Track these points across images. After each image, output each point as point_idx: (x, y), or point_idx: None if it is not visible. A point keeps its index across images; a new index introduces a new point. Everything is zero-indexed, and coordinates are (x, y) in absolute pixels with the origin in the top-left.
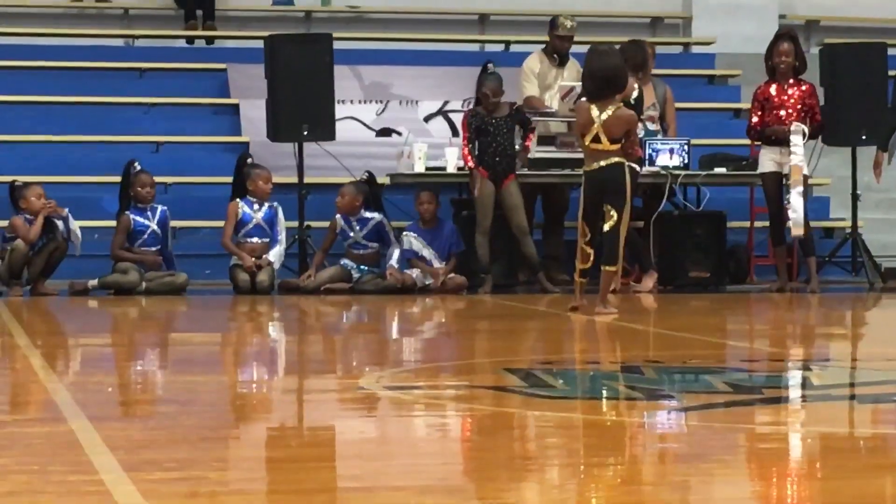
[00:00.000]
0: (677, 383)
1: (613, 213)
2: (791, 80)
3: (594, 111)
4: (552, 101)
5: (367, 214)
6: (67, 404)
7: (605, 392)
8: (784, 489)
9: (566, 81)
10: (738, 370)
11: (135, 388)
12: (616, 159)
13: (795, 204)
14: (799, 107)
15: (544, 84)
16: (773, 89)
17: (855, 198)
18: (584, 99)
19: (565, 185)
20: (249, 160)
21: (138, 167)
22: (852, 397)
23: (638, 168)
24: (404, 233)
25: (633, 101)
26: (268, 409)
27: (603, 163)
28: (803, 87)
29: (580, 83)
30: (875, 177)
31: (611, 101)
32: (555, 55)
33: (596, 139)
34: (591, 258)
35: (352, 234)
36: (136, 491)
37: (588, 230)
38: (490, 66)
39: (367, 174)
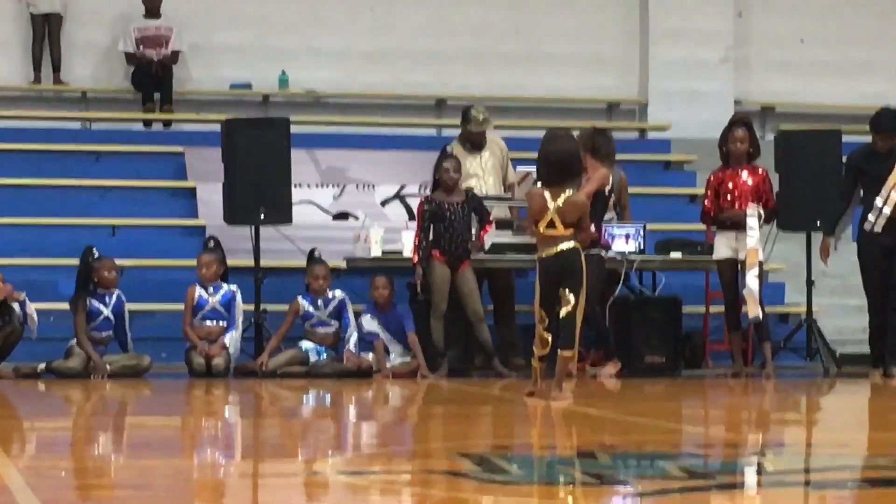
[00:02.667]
0: (632, 469)
1: (571, 297)
2: (745, 166)
3: (548, 197)
4: (480, 187)
5: (330, 293)
6: (20, 489)
7: (560, 477)
8: None
9: (486, 165)
10: (693, 455)
11: (89, 472)
12: (572, 244)
13: (751, 286)
14: (751, 195)
15: (465, 173)
16: (727, 175)
17: (810, 283)
18: (538, 184)
19: (510, 269)
20: (210, 243)
21: (97, 253)
22: (807, 483)
23: (604, 253)
24: (362, 315)
25: (606, 192)
26: (222, 493)
27: (562, 247)
28: (758, 173)
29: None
30: (822, 261)
31: (565, 187)
32: (468, 144)
33: (551, 225)
34: (550, 344)
35: (316, 314)
36: None
37: (546, 316)
38: (449, 148)
39: (314, 250)
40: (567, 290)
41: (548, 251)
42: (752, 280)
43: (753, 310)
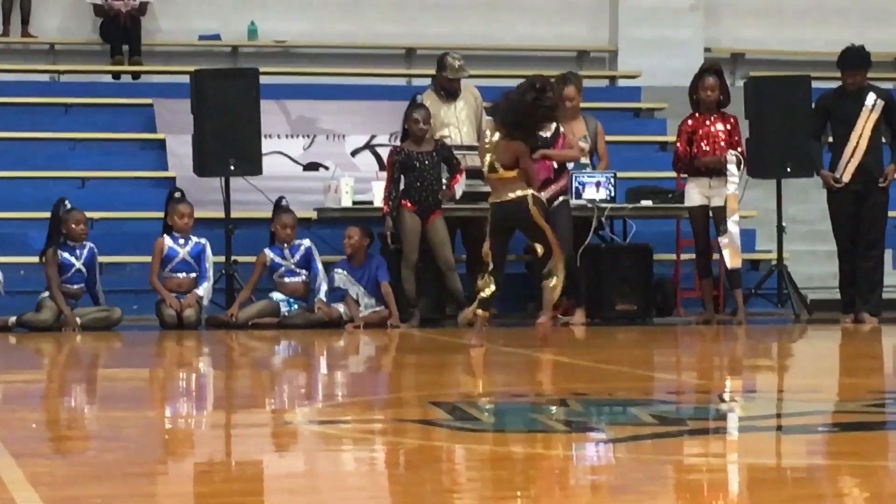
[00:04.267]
0: (604, 416)
1: (538, 246)
2: (715, 114)
3: (489, 140)
4: (454, 136)
5: (297, 241)
6: None
7: (531, 425)
8: None
9: (461, 114)
10: (665, 402)
11: (60, 424)
12: (521, 193)
13: (733, 233)
14: (723, 141)
15: (439, 121)
16: (698, 122)
17: (780, 230)
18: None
19: (483, 218)
20: (177, 194)
21: (69, 205)
22: (779, 428)
23: (565, 197)
24: (335, 269)
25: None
26: (193, 444)
27: (510, 195)
28: (728, 120)
29: None
30: (835, 183)
31: (509, 136)
32: (442, 91)
33: (492, 169)
34: (493, 290)
35: (283, 263)
36: None
37: (492, 261)
38: (419, 98)
39: (282, 199)
40: (531, 240)
41: (497, 197)
42: (732, 227)
43: (734, 259)
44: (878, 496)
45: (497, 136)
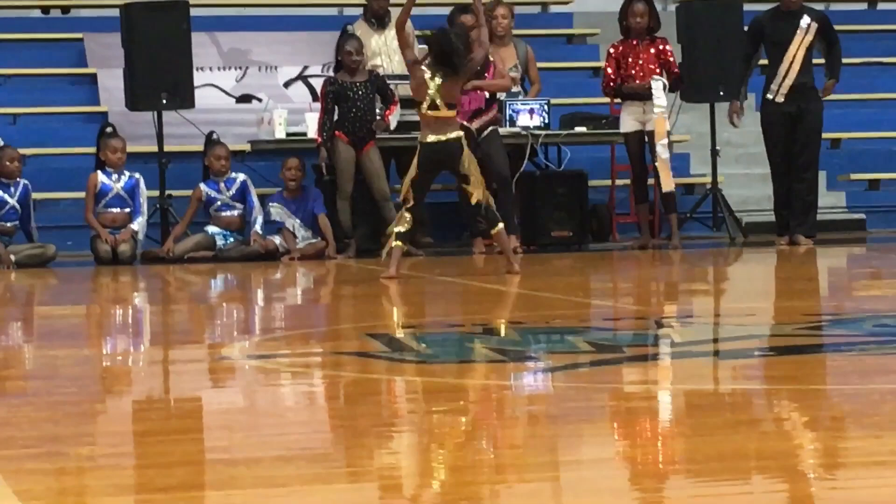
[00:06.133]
0: (541, 344)
1: (472, 188)
2: (646, 40)
3: (427, 75)
4: (385, 66)
5: (233, 174)
6: None
7: (468, 355)
8: (648, 447)
9: (392, 43)
10: (602, 329)
11: None
12: (455, 134)
13: (663, 157)
14: (653, 66)
15: (371, 51)
16: (627, 47)
17: (714, 154)
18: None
19: None
20: (109, 129)
21: (1, 142)
22: (715, 353)
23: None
24: (270, 204)
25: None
26: (131, 381)
27: (450, 135)
28: (658, 44)
29: None
30: (733, 123)
31: (447, 71)
32: (373, 20)
33: (433, 106)
34: (410, 224)
35: (219, 197)
36: None
37: (412, 198)
38: (350, 28)
39: (212, 133)
40: (464, 184)
41: (434, 135)
42: (662, 150)
43: (667, 182)
44: (815, 420)
45: (438, 78)
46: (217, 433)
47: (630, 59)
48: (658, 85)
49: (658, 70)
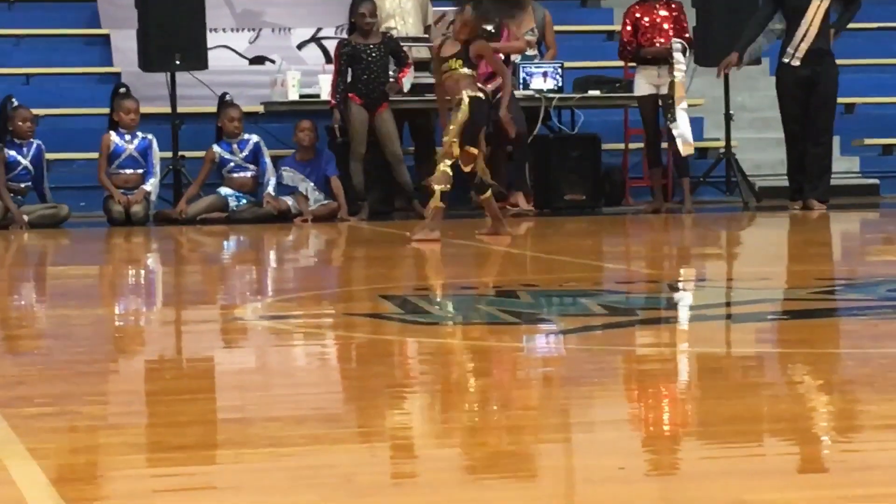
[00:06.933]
0: (554, 307)
1: (474, 150)
2: (661, 2)
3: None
4: (399, 28)
5: (246, 136)
6: None
7: (481, 317)
8: (661, 409)
9: (406, 4)
10: (615, 292)
11: (9, 322)
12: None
13: (681, 121)
14: (668, 27)
15: (384, 13)
16: (643, 10)
17: (728, 118)
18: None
19: (430, 111)
20: (122, 90)
21: (15, 102)
22: (728, 317)
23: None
24: (282, 168)
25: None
26: (144, 341)
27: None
28: (673, 7)
29: (453, 8)
30: (718, 70)
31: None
32: None
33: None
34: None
35: (232, 158)
36: (8, 427)
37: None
38: None
39: (225, 95)
40: (468, 145)
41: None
42: (681, 115)
43: (687, 147)
44: (828, 383)
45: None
46: (230, 393)
47: (646, 21)
48: (678, 47)
49: (672, 35)
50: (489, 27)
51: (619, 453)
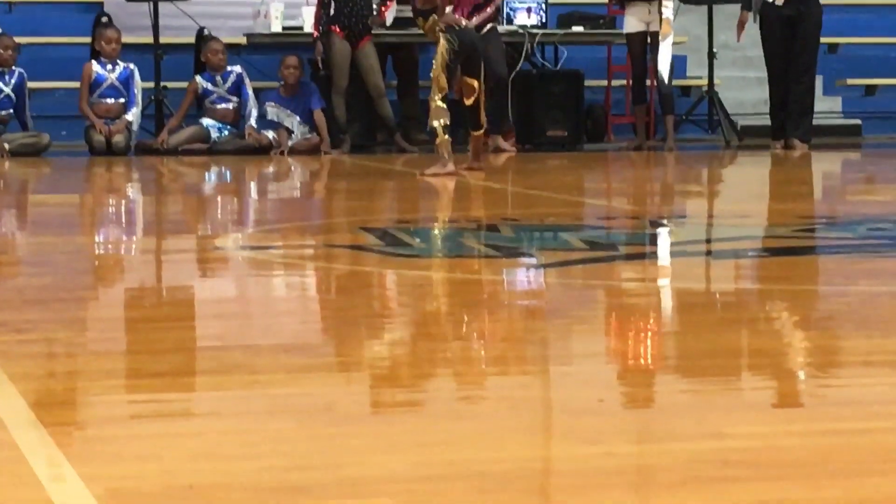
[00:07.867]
0: (535, 241)
1: (474, 82)
2: None
3: None
4: None
5: (228, 67)
6: None
7: (462, 250)
8: (641, 343)
9: None
10: (596, 228)
11: None
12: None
13: (665, 54)
14: None
15: None
16: None
17: (711, 56)
18: None
19: (413, 44)
20: (104, 19)
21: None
22: (708, 253)
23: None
24: (266, 103)
25: None
26: (123, 269)
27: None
28: None
29: None
30: (737, 35)
31: None
32: None
33: None
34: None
35: (215, 90)
36: None
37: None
38: None
39: (203, 29)
40: (465, 76)
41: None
42: (666, 48)
43: (667, 79)
44: (806, 319)
45: None
46: (209, 322)
47: None
48: None
49: None
50: None
51: (598, 386)
